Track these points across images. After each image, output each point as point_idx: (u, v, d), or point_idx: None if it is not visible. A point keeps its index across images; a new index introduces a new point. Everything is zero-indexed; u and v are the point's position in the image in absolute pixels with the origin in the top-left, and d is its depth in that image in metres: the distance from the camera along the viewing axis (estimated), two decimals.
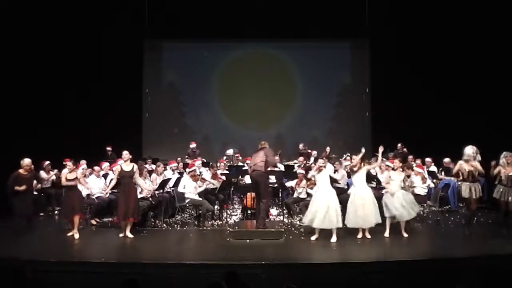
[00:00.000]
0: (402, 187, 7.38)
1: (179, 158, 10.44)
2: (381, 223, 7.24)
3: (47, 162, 9.60)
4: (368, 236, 7.15)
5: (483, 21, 10.48)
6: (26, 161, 7.40)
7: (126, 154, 7.43)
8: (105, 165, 9.34)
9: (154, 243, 7.08)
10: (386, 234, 7.23)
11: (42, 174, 9.51)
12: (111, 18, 11.63)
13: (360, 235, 7.16)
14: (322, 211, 6.96)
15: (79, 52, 11.41)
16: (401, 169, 7.70)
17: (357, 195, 7.14)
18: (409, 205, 7.22)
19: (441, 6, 11.17)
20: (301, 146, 11.79)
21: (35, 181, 8.06)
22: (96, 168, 8.97)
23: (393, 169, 7.60)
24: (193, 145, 11.43)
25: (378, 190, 8.60)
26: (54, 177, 9.54)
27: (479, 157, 7.11)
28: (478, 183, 7.20)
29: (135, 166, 7.52)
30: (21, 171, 7.38)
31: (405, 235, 7.21)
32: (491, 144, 7.59)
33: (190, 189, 8.33)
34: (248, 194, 8.61)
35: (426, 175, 8.80)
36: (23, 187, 7.27)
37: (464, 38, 10.88)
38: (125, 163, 7.42)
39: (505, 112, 10.11)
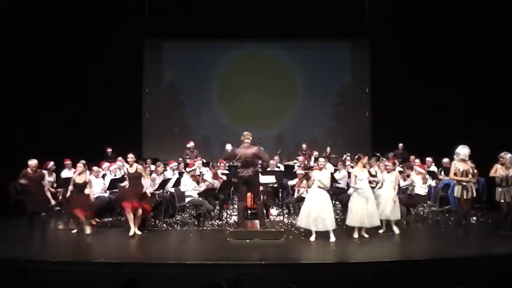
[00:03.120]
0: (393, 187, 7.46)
1: (180, 159, 10.39)
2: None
3: (52, 163, 9.36)
4: (366, 235, 7.17)
5: (483, 20, 10.48)
6: (33, 161, 7.61)
7: (131, 158, 7.55)
8: (105, 165, 9.32)
9: (154, 243, 7.07)
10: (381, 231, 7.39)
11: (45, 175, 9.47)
12: (111, 18, 11.63)
13: (356, 235, 7.16)
14: (314, 213, 6.94)
15: (79, 52, 11.41)
16: (402, 169, 7.68)
17: (361, 195, 7.12)
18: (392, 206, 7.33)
19: (441, 6, 11.17)
20: (304, 146, 11.76)
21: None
22: (95, 168, 8.91)
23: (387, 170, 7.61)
24: (191, 144, 11.08)
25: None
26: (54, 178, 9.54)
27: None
28: (473, 184, 7.18)
29: (139, 167, 7.61)
30: (28, 170, 7.59)
31: (397, 231, 7.34)
32: (491, 144, 7.58)
33: (190, 188, 8.34)
34: (249, 194, 8.59)
35: (427, 175, 8.78)
36: (24, 181, 7.51)
37: (464, 37, 10.88)
38: (130, 166, 7.55)
39: (506, 112, 10.11)
